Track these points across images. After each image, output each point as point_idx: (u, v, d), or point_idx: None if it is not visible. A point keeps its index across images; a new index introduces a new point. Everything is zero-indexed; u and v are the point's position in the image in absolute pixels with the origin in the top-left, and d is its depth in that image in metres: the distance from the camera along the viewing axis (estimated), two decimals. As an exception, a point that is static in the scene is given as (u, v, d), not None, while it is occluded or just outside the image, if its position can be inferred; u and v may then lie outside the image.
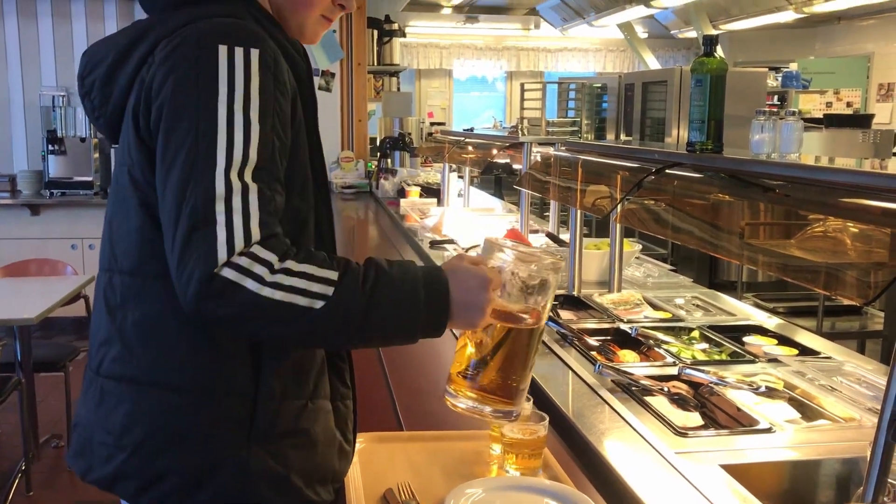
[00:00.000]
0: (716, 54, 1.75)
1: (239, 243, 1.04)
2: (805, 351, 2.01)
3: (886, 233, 1.16)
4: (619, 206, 1.77)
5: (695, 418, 1.69)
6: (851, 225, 1.28)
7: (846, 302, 3.78)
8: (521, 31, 9.85)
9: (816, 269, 1.23)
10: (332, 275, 1.07)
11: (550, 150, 3.35)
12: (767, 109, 1.61)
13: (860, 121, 6.06)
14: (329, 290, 1.06)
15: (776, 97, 6.81)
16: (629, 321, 2.29)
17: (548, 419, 1.41)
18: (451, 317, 1.13)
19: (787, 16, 7.22)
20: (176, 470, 1.14)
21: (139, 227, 1.17)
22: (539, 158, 2.73)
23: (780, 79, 6.90)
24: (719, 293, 2.75)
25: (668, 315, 2.38)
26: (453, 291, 1.12)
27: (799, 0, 6.92)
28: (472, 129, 4.93)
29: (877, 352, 3.98)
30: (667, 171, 1.78)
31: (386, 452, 1.48)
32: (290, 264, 1.06)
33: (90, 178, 5.91)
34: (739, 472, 1.32)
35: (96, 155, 5.95)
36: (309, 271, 1.07)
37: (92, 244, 5.77)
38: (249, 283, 1.03)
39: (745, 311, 2.48)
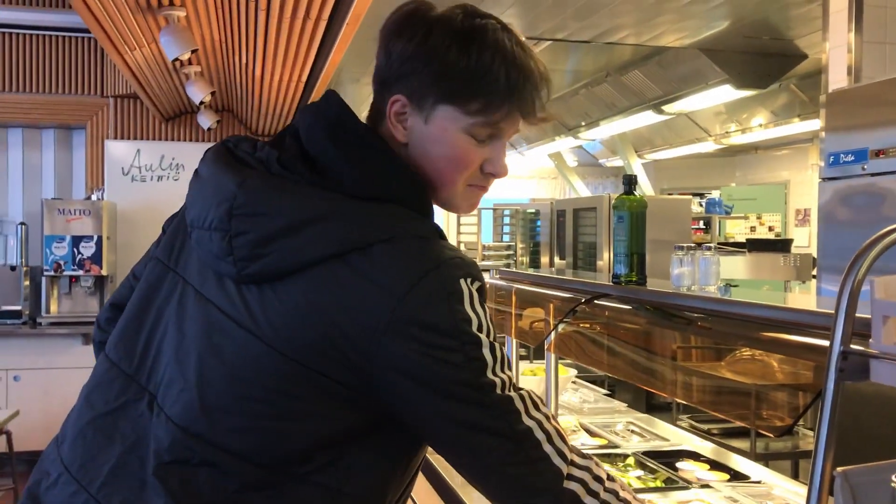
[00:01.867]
0: (636, 192, 1.86)
1: (566, 450, 1.06)
2: (736, 475, 2.05)
3: (800, 364, 1.23)
4: (552, 335, 1.82)
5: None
6: (768, 355, 1.35)
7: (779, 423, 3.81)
8: (457, 159, 10.18)
9: (735, 399, 1.28)
10: None
11: (486, 277, 3.43)
12: (686, 245, 1.70)
13: (781, 245, 6.36)
14: None
15: (701, 222, 7.14)
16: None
17: None
18: None
19: (708, 146, 7.68)
20: None
21: (312, 429, 1.04)
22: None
23: (704, 205, 7.24)
24: (655, 418, 2.80)
25: (605, 441, 2.40)
26: None
27: (718, 132, 7.38)
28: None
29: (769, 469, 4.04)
30: (595, 301, 1.85)
31: None
32: (616, 486, 1.09)
33: (19, 308, 5.77)
34: None
35: (26, 283, 5.84)
36: (628, 498, 1.09)
37: (17, 375, 5.57)
38: (589, 501, 1.05)
39: (680, 435, 2.52)
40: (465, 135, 1.10)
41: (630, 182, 1.85)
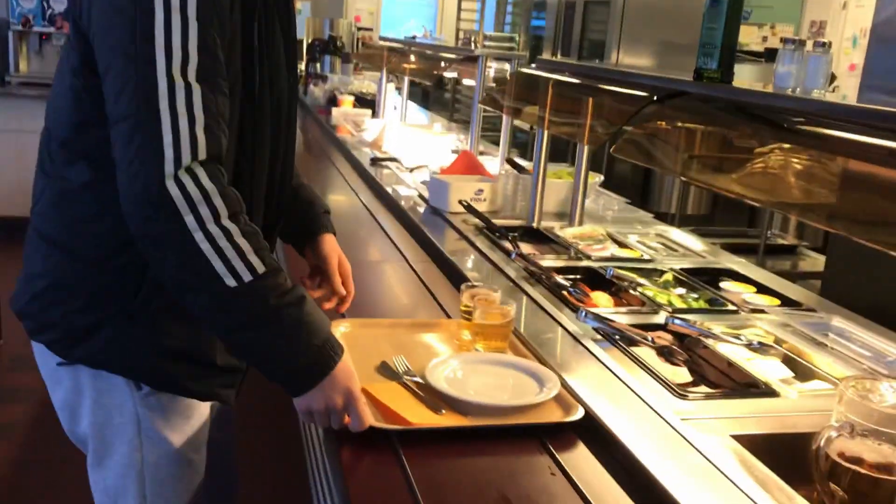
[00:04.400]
0: (736, -29, 1.55)
1: (186, 152, 1.05)
2: (787, 301, 1.90)
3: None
4: (619, 136, 1.59)
5: (683, 373, 1.56)
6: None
7: (782, 241, 3.68)
8: (459, -63, 9.38)
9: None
10: (260, 266, 1.10)
11: (506, 66, 3.13)
12: (797, 38, 1.43)
13: (800, 57, 6.01)
14: (248, 276, 1.09)
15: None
16: (597, 259, 2.14)
17: (514, 305, 1.53)
18: (323, 384, 1.15)
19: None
20: (61, 325, 1.24)
21: (71, 108, 1.21)
22: (507, 76, 2.51)
23: (720, 8, 6.77)
24: (679, 230, 2.64)
25: (637, 254, 2.24)
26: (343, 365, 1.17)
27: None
28: (413, 38, 4.64)
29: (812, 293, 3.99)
30: (670, 100, 1.59)
31: (370, 336, 1.56)
32: (234, 229, 1.09)
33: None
34: (754, 444, 1.20)
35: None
36: (244, 248, 1.09)
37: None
38: (189, 219, 1.05)
39: (709, 250, 2.36)
40: None
41: (733, -42, 1.53)
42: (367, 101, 4.91)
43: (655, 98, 1.62)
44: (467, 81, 3.99)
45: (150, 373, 1.25)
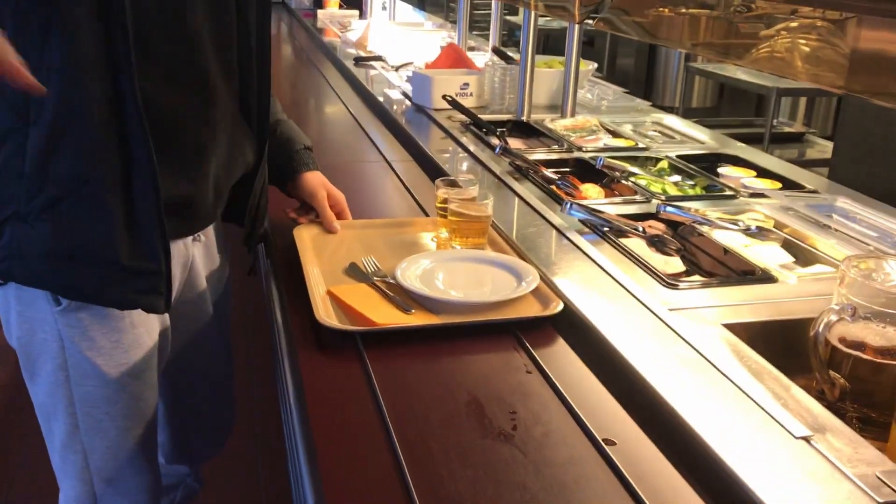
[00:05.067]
0: None
1: None
2: (789, 184, 1.79)
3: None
4: (599, 10, 1.45)
5: (675, 263, 1.46)
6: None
7: (789, 129, 3.55)
8: None
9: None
10: None
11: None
12: None
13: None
14: None
15: None
16: (589, 150, 2.02)
17: (492, 199, 1.43)
18: None
19: None
20: None
21: None
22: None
23: None
24: (680, 118, 2.50)
25: (631, 143, 2.12)
26: None
27: None
28: (398, -71, 4.41)
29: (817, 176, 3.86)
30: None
31: (341, 238, 1.48)
32: None
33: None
34: (748, 333, 1.11)
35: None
36: None
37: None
38: None
39: (711, 134, 2.24)
40: None
41: None
42: (354, 2, 4.70)
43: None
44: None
45: (55, 279, 1.16)
